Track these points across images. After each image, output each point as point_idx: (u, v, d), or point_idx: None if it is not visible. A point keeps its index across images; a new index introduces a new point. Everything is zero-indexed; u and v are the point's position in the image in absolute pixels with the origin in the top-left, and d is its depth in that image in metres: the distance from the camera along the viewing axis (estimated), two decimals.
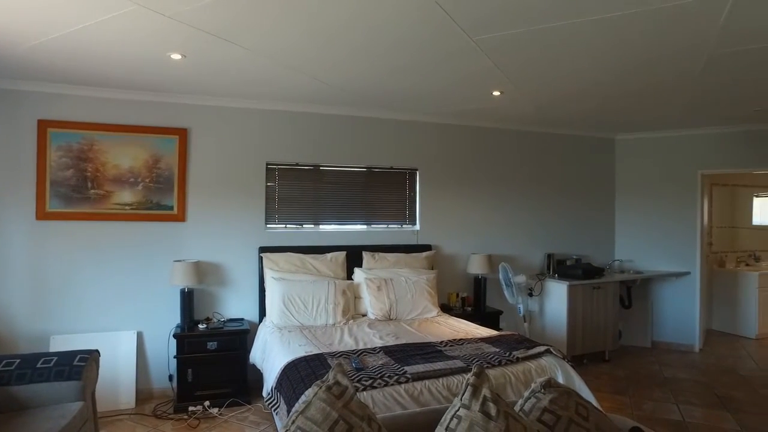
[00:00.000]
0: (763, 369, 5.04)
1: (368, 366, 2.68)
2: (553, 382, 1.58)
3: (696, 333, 5.63)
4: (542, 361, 2.90)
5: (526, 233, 5.51)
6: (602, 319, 5.14)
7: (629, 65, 3.31)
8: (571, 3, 2.36)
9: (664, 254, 5.78)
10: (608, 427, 1.59)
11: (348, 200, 4.75)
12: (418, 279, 4.32)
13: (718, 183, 6.90)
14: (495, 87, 3.86)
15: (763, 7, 2.41)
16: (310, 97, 4.26)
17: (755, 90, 3.96)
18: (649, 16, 2.50)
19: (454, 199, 5.14)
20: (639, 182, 5.93)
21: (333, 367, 1.51)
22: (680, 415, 3.81)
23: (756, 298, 6.22)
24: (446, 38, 2.83)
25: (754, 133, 5.42)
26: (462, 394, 1.40)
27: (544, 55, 3.13)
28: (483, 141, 5.29)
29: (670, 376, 4.75)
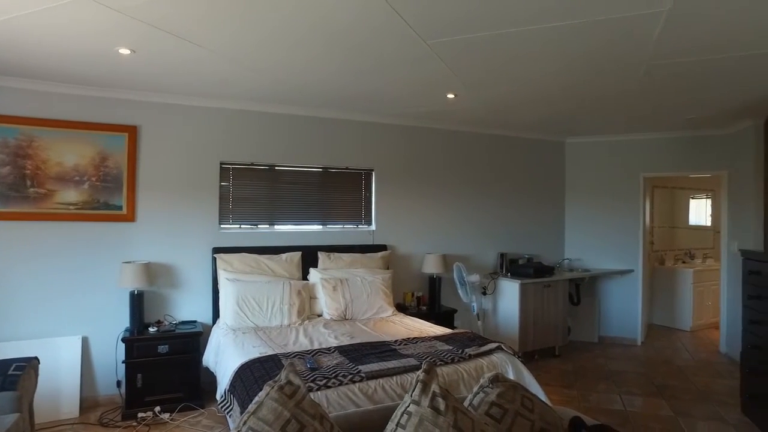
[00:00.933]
0: (696, 359, 5.37)
1: (323, 366, 2.68)
2: (501, 377, 1.64)
3: (638, 327, 5.93)
4: (494, 357, 2.99)
5: (480, 233, 5.65)
6: (552, 315, 5.33)
7: (576, 72, 3.46)
8: (521, 12, 2.44)
9: (610, 253, 6.06)
10: (552, 418, 1.66)
11: (304, 200, 4.73)
12: (373, 279, 4.35)
13: (658, 185, 7.29)
14: (449, 90, 3.95)
15: (691, 26, 2.58)
16: (267, 97, 4.22)
17: (688, 100, 4.22)
18: (593, 27, 2.63)
19: (410, 199, 5.20)
20: (587, 184, 6.19)
21: (285, 366, 1.51)
22: (622, 405, 4.01)
23: (691, 294, 6.61)
24: (402, 43, 2.88)
25: (689, 139, 5.76)
26: (412, 391, 1.43)
27: (496, 61, 3.22)
28: (438, 142, 5.38)
29: (614, 368, 4.98)
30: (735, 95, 4.09)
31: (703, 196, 7.85)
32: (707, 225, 7.82)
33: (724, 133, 5.59)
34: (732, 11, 2.42)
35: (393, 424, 1.42)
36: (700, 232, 7.84)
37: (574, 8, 2.40)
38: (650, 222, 6.78)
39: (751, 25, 2.59)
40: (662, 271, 7.00)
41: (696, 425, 3.66)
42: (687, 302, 6.67)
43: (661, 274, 6.98)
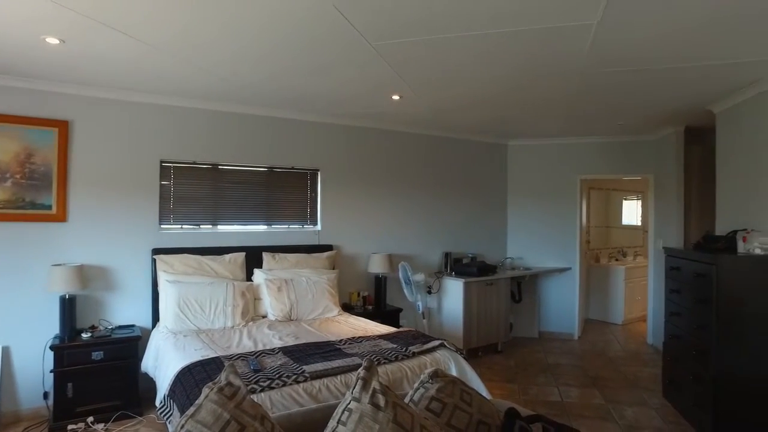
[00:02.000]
0: (626, 350, 5.71)
1: (266, 367, 2.66)
2: (440, 373, 1.69)
3: (575, 322, 6.22)
4: (437, 354, 3.06)
5: (426, 233, 5.75)
6: (495, 313, 5.50)
7: (516, 78, 3.59)
8: (462, 17, 2.52)
9: (550, 251, 6.32)
10: (489, 410, 1.73)
11: (249, 200, 4.65)
12: (319, 279, 4.34)
13: (594, 187, 7.68)
14: (394, 92, 4.00)
15: (619, 39, 2.75)
16: (210, 94, 4.11)
17: (618, 107, 4.48)
18: (530, 35, 2.74)
19: (356, 199, 5.22)
20: (528, 186, 6.43)
21: (225, 367, 1.49)
22: (559, 396, 4.21)
23: (623, 289, 7.02)
24: (348, 44, 2.90)
25: (620, 144, 6.11)
26: (353, 388, 1.45)
27: (439, 64, 3.30)
28: (384, 143, 5.43)
29: (553, 362, 5.21)
30: (659, 104, 4.38)
31: (635, 197, 8.34)
32: (638, 225, 8.31)
33: (650, 139, 5.97)
34: (656, 27, 2.60)
35: (334, 422, 1.43)
36: (632, 231, 8.33)
37: (512, 17, 2.50)
38: (587, 222, 7.13)
39: (672, 40, 2.79)
40: (597, 268, 7.38)
41: (624, 411, 3.90)
42: (619, 298, 7.07)
43: (596, 271, 7.36)
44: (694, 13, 2.44)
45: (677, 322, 3.95)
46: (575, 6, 2.37)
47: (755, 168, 3.76)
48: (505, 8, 2.40)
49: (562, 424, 1.85)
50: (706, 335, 3.44)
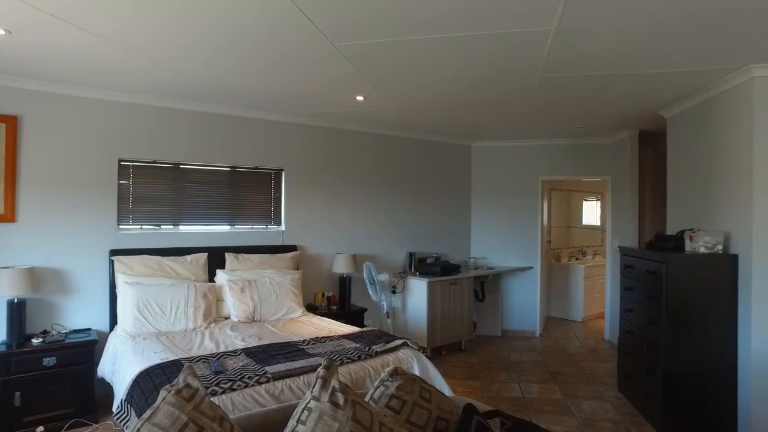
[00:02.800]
0: (585, 346, 5.89)
1: (228, 369, 2.63)
2: (400, 371, 1.71)
3: (537, 320, 6.38)
4: (400, 353, 3.09)
5: (390, 233, 5.78)
6: (459, 312, 5.58)
7: (478, 81, 3.66)
8: (425, 20, 2.55)
9: (512, 251, 6.46)
10: (448, 406, 1.76)
11: (211, 200, 4.57)
12: (282, 279, 4.31)
13: (555, 188, 7.89)
14: (358, 92, 4.01)
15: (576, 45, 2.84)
16: (169, 92, 4.03)
17: (577, 110, 4.62)
18: (490, 39, 2.80)
19: (321, 200, 5.21)
20: (491, 186, 6.55)
21: (183, 369, 1.47)
22: (521, 392, 4.31)
23: (582, 288, 7.23)
24: (310, 43, 2.89)
25: (580, 146, 6.31)
26: (313, 387, 1.45)
27: (403, 66, 3.33)
28: (349, 143, 5.44)
29: (515, 359, 5.33)
30: (615, 108, 4.54)
31: (594, 198, 8.61)
32: (597, 225, 8.58)
33: (607, 142, 6.18)
34: (610, 35, 2.70)
35: (294, 421, 1.43)
36: (591, 231, 8.60)
37: (472, 21, 2.55)
38: (548, 222, 7.32)
39: (625, 48, 2.91)
40: (558, 267, 7.58)
41: (581, 404, 4.03)
42: (579, 296, 7.29)
43: (557, 270, 7.56)
44: (644, 24, 2.55)
45: (631, 318, 4.10)
46: (533, 13, 2.44)
47: (701, 171, 3.95)
48: (465, 12, 2.45)
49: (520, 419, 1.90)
50: (656, 330, 3.59)
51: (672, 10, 2.40)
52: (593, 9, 2.40)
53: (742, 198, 3.41)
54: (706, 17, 2.49)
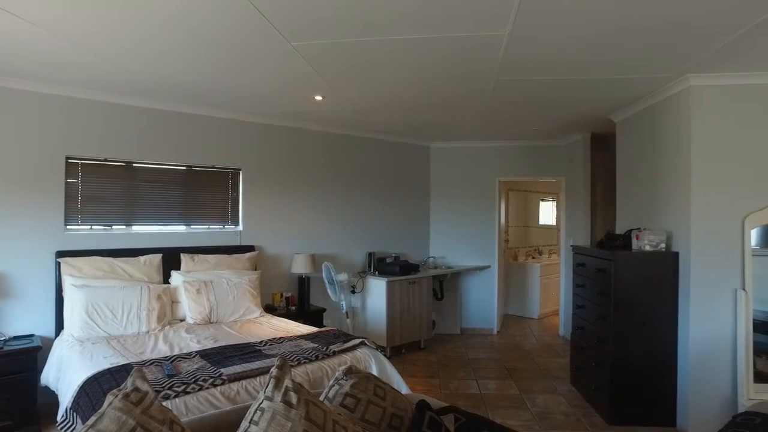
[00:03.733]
0: (540, 342, 6.07)
1: (182, 371, 2.57)
2: (354, 369, 1.73)
3: (494, 318, 6.52)
4: (357, 352, 3.10)
5: (349, 233, 5.78)
6: (418, 311, 5.64)
7: (435, 82, 3.72)
8: (381, 22, 2.57)
9: (470, 250, 6.58)
10: (403, 403, 1.79)
11: (166, 200, 4.46)
12: (240, 280, 4.24)
13: (513, 188, 8.08)
14: (316, 92, 4.00)
15: (530, 50, 2.93)
16: (122, 88, 3.90)
17: (532, 112, 4.76)
18: (446, 42, 2.85)
19: (279, 200, 5.16)
20: (450, 187, 6.65)
21: (132, 373, 1.44)
22: (478, 389, 4.40)
23: (538, 286, 7.44)
24: (266, 42, 2.86)
25: (535, 148, 6.49)
26: (266, 387, 1.45)
27: (361, 66, 3.35)
28: (308, 143, 5.41)
29: (473, 356, 5.43)
30: (568, 112, 4.70)
31: (550, 199, 8.87)
32: (553, 224, 8.85)
33: (562, 144, 6.39)
34: (560, 42, 2.80)
35: (246, 422, 1.43)
36: (548, 231, 8.86)
37: (428, 24, 2.59)
38: (505, 222, 7.49)
39: (575, 54, 3.02)
40: (515, 266, 7.77)
41: (536, 399, 4.15)
42: (535, 293, 7.49)
43: (514, 269, 7.75)
44: (591, 33, 2.66)
45: (582, 314, 4.26)
46: (487, 18, 2.50)
47: (646, 173, 4.14)
48: (421, 15, 2.49)
49: (474, 414, 1.95)
50: (605, 325, 3.74)
51: (615, 20, 2.51)
52: (544, 16, 2.48)
53: (681, 199, 3.59)
54: (647, 28, 2.62)
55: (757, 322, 3.44)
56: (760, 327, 3.47)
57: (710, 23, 2.56)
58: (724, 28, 2.62)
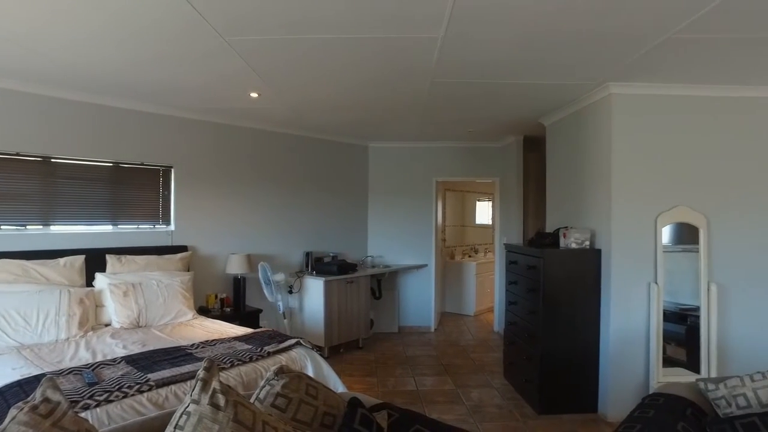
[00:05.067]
0: (476, 338, 6.25)
1: (105, 379, 2.44)
2: (286, 369, 1.71)
3: (432, 316, 6.64)
4: (293, 353, 3.07)
5: (287, 233, 5.70)
6: (356, 310, 5.65)
7: (372, 82, 3.74)
8: (316, 19, 2.55)
9: (408, 249, 6.67)
10: (335, 402, 1.79)
11: (90, 198, 4.20)
12: (171, 282, 4.08)
13: (450, 188, 8.27)
14: (252, 89, 3.92)
15: (463, 53, 3.01)
16: (39, 77, 3.62)
17: (467, 114, 4.89)
18: (382, 43, 2.88)
19: (214, 198, 5.00)
20: (388, 186, 6.70)
21: (42, 383, 1.35)
22: (415, 386, 4.47)
23: (474, 283, 7.66)
24: (198, 35, 2.77)
25: (471, 149, 6.68)
26: (192, 390, 1.40)
27: (297, 64, 3.31)
28: (245, 141, 5.28)
29: (411, 354, 5.51)
30: (501, 115, 4.88)
31: (486, 198, 9.15)
32: (489, 224, 9.13)
33: (496, 146, 6.61)
34: (493, 46, 2.89)
35: (171, 428, 1.37)
36: (484, 230, 9.13)
37: (363, 23, 2.60)
38: (443, 221, 7.65)
39: (508, 59, 3.13)
40: (452, 264, 7.96)
41: (470, 393, 4.28)
42: (471, 291, 7.71)
43: (451, 267, 7.93)
44: (520, 39, 2.77)
45: (514, 310, 4.43)
46: (421, 20, 2.55)
47: (573, 174, 4.37)
48: (355, 15, 2.49)
49: (407, 410, 1.98)
50: (535, 320, 3.91)
51: (542, 30, 2.63)
52: (475, 22, 2.55)
53: (603, 199, 3.82)
54: (571, 38, 2.77)
55: (667, 313, 3.73)
56: (670, 317, 3.77)
57: (625, 36, 2.74)
58: (636, 41, 2.81)
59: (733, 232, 3.73)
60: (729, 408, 1.80)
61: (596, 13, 2.46)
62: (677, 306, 3.81)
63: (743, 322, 3.73)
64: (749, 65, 3.22)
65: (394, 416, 1.90)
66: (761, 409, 1.72)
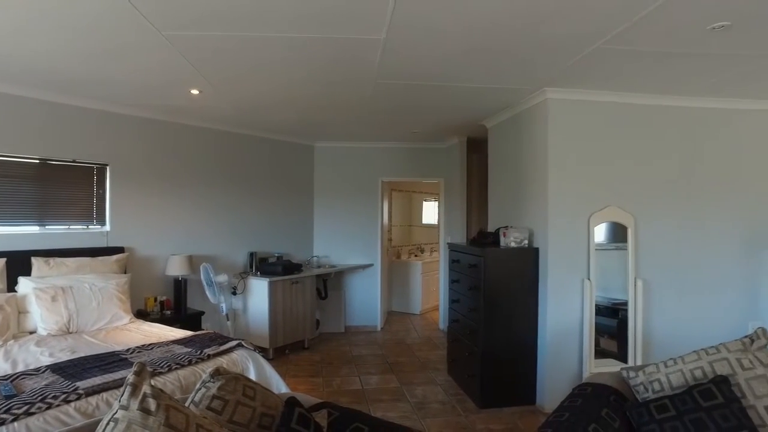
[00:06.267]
0: (421, 337, 6.35)
1: (26, 390, 2.29)
2: (222, 370, 1.68)
3: (378, 315, 6.69)
4: (234, 355, 3.01)
5: (230, 233, 5.58)
6: (301, 311, 5.61)
7: (316, 82, 3.72)
8: (258, 17, 2.52)
9: (354, 249, 6.68)
10: (274, 402, 1.78)
11: (12, 197, 3.93)
12: (106, 285, 3.89)
13: (397, 189, 8.35)
14: (193, 86, 3.81)
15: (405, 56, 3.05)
16: None
17: (411, 116, 4.96)
18: (323, 42, 2.87)
19: (153, 198, 4.82)
20: (334, 186, 6.69)
21: None
22: (360, 385, 4.49)
23: (420, 282, 7.77)
24: (132, 28, 2.66)
25: (416, 150, 6.77)
26: (121, 396, 1.36)
27: (240, 62, 3.24)
28: (186, 139, 5.12)
29: (357, 353, 5.52)
30: (444, 116, 4.98)
31: (432, 199, 9.30)
32: (435, 223, 9.29)
33: (441, 147, 6.74)
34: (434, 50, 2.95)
35: None
36: (430, 229, 9.27)
37: (306, 23, 2.59)
38: (389, 221, 7.72)
39: (449, 63, 3.20)
40: (398, 264, 8.04)
41: (415, 390, 4.34)
42: (417, 290, 7.81)
43: (397, 267, 8.01)
44: (459, 44, 2.84)
45: (457, 307, 4.54)
46: (363, 22, 2.57)
47: (513, 175, 4.53)
48: (297, 14, 2.48)
49: (348, 408, 1.99)
50: (476, 317, 4.03)
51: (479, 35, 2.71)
52: (416, 25, 2.60)
53: (540, 199, 3.99)
54: (508, 45, 2.87)
55: (601, 307, 3.95)
56: (604, 311, 3.98)
57: (558, 45, 2.87)
58: (568, 50, 2.96)
59: (657, 231, 3.99)
60: (646, 393, 1.93)
61: (531, 23, 2.57)
62: (610, 301, 4.03)
63: (665, 313, 4.00)
64: (670, 77, 3.45)
65: (334, 415, 1.91)
66: (672, 391, 1.85)
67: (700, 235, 4.07)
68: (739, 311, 4.12)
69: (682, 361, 1.93)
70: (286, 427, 1.58)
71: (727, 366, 1.84)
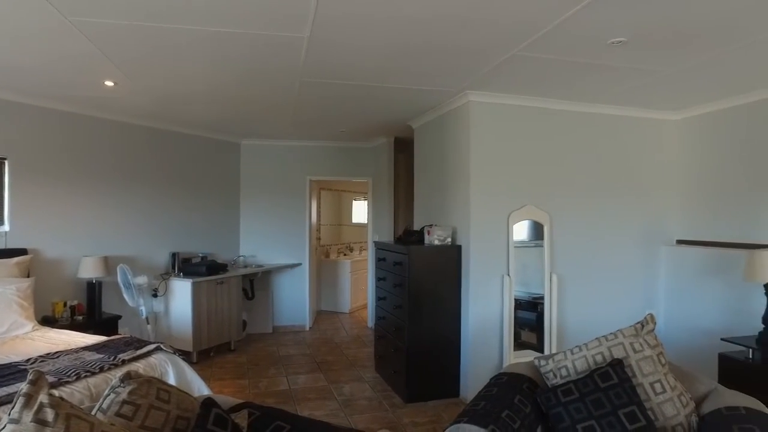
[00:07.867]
0: (350, 335, 6.38)
1: None
2: (133, 374, 1.61)
3: (307, 314, 6.63)
4: (152, 359, 2.89)
5: (150, 232, 5.31)
6: (227, 312, 5.45)
7: (240, 78, 3.63)
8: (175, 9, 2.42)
9: (281, 248, 6.58)
10: (190, 405, 1.73)
11: None
12: (3, 290, 3.57)
13: (326, 188, 8.32)
14: (106, 77, 3.59)
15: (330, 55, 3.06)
16: None
17: (337, 115, 4.96)
18: (248, 38, 2.81)
19: (63, 195, 4.48)
20: (261, 185, 6.56)
21: None
22: (288, 385, 4.44)
23: (349, 281, 7.79)
24: (33, 11, 2.47)
25: (344, 149, 6.79)
26: (11, 409, 1.26)
27: (158, 54, 3.10)
28: (101, 132, 4.81)
29: (285, 354, 5.45)
30: (371, 116, 5.03)
31: (362, 198, 9.35)
32: (365, 223, 9.34)
33: (368, 146, 6.80)
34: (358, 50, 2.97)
35: None
36: (360, 228, 9.31)
37: (228, 18, 2.53)
38: (317, 220, 7.67)
39: (374, 64, 3.24)
40: (327, 263, 8.02)
41: (342, 388, 4.36)
42: (346, 289, 7.83)
43: (326, 266, 7.98)
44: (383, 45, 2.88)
45: (383, 305, 4.60)
46: (286, 19, 2.54)
47: (437, 175, 4.67)
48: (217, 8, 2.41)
49: (269, 407, 1.97)
50: (402, 314, 4.11)
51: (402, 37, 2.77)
52: (340, 26, 2.61)
53: (463, 198, 4.14)
54: (429, 49, 2.96)
55: (522, 302, 4.16)
56: (525, 305, 4.21)
57: (477, 50, 2.99)
58: (487, 55, 3.09)
59: (569, 228, 4.27)
60: (555, 379, 2.07)
61: (450, 29, 2.67)
62: (531, 296, 4.26)
63: (576, 306, 4.30)
64: (581, 85, 3.71)
65: (255, 415, 1.88)
66: (577, 376, 2.00)
67: (605, 232, 4.40)
68: (639, 300, 4.51)
69: (586, 348, 2.09)
70: (201, 429, 1.54)
71: (622, 350, 2.01)
